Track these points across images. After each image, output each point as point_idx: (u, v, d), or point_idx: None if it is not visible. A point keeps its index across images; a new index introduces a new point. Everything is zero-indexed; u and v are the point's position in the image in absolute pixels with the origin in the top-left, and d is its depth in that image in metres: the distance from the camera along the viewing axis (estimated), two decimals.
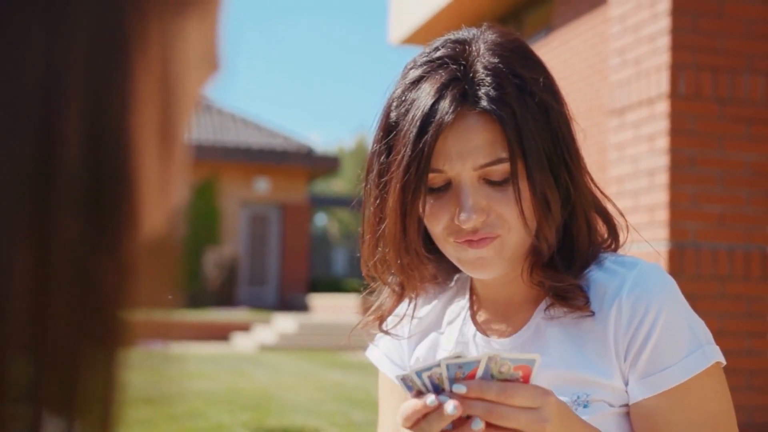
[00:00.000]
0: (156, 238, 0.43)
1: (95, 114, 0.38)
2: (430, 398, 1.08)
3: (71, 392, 0.39)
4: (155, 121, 0.41)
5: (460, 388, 1.08)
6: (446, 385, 1.09)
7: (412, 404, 1.09)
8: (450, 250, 1.26)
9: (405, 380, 1.11)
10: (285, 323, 15.97)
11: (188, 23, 0.42)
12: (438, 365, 1.08)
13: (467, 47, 1.25)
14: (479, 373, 1.09)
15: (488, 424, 1.08)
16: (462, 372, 1.08)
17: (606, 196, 1.35)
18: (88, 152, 0.38)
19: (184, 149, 0.44)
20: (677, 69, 4.98)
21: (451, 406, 1.07)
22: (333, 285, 22.63)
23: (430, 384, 1.09)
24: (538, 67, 1.26)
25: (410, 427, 1.10)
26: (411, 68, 1.27)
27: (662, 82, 5.01)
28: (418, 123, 1.20)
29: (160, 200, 0.43)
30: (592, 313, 1.26)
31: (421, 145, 1.20)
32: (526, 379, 1.10)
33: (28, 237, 0.37)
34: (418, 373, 1.09)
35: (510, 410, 1.07)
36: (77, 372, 0.39)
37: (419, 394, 1.10)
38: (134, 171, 0.40)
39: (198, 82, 0.45)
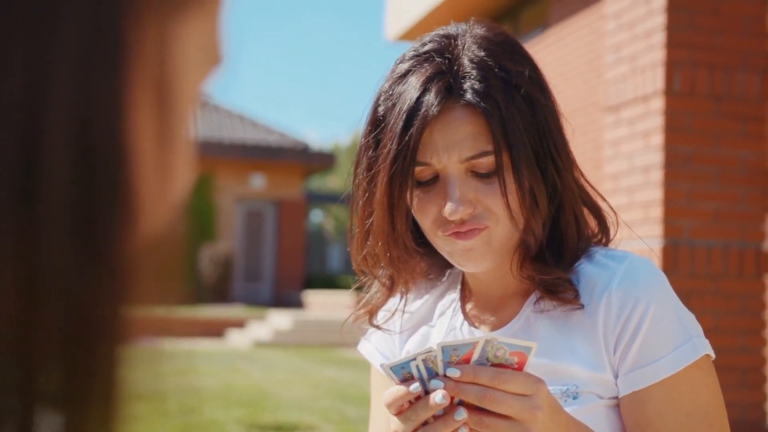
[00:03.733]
0: (156, 239, 0.42)
1: (86, 122, 0.37)
2: (414, 385, 1.08)
3: (68, 388, 0.38)
4: (152, 125, 0.40)
5: (454, 372, 1.08)
6: (440, 369, 1.09)
7: (395, 390, 1.10)
8: (440, 243, 1.26)
9: (384, 368, 1.11)
10: (280, 320, 15.97)
11: (186, 23, 0.42)
12: (432, 349, 1.08)
13: (454, 41, 1.26)
14: (475, 355, 1.09)
15: (480, 409, 1.09)
16: (457, 354, 1.08)
17: (596, 191, 1.35)
18: (78, 163, 0.37)
19: (185, 148, 0.43)
20: (672, 66, 4.98)
21: (439, 395, 1.07)
22: (328, 282, 22.64)
23: (424, 368, 1.09)
24: (525, 60, 1.26)
25: (396, 415, 1.11)
26: (399, 62, 1.28)
27: (657, 79, 5.01)
28: (404, 116, 1.21)
29: (160, 203, 0.42)
30: (582, 306, 1.26)
31: (407, 138, 1.21)
32: (520, 366, 1.10)
33: (13, 255, 0.36)
34: (405, 363, 1.09)
35: (503, 396, 1.07)
36: (72, 369, 0.38)
37: (404, 382, 1.10)
38: (130, 178, 0.39)
39: (198, 79, 0.44)
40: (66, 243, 0.37)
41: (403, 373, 1.10)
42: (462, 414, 1.08)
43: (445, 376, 1.08)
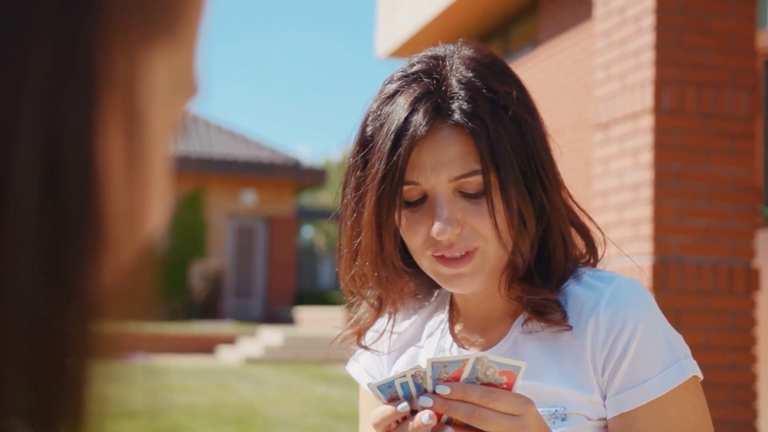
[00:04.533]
0: (129, 263, 0.42)
1: (55, 150, 0.37)
2: (402, 404, 1.08)
3: (37, 407, 0.38)
4: (123, 154, 0.40)
5: (444, 389, 1.08)
6: (429, 386, 1.09)
7: (382, 410, 1.10)
8: (426, 264, 1.26)
9: (371, 387, 1.11)
10: (271, 336, 15.92)
11: (157, 55, 0.41)
12: (421, 367, 1.09)
13: (442, 62, 1.26)
14: (465, 372, 1.09)
15: (468, 428, 1.09)
16: (446, 371, 1.09)
17: (584, 212, 1.35)
18: (46, 189, 0.37)
19: (161, 175, 0.43)
20: (662, 84, 5.00)
21: (426, 415, 1.07)
22: (319, 298, 22.60)
23: (413, 384, 1.09)
24: (512, 81, 1.27)
25: None
26: (388, 83, 1.29)
27: (647, 97, 5.03)
28: (392, 136, 1.22)
29: (133, 229, 0.42)
30: (570, 328, 1.26)
31: (395, 158, 1.21)
32: (509, 386, 1.11)
33: None
34: (392, 382, 1.10)
35: (492, 414, 1.08)
36: (40, 389, 0.38)
37: (392, 401, 1.10)
38: (100, 205, 0.38)
39: (173, 108, 0.44)
40: (33, 268, 0.37)
41: (390, 392, 1.10)
42: None
43: (434, 392, 1.09)
